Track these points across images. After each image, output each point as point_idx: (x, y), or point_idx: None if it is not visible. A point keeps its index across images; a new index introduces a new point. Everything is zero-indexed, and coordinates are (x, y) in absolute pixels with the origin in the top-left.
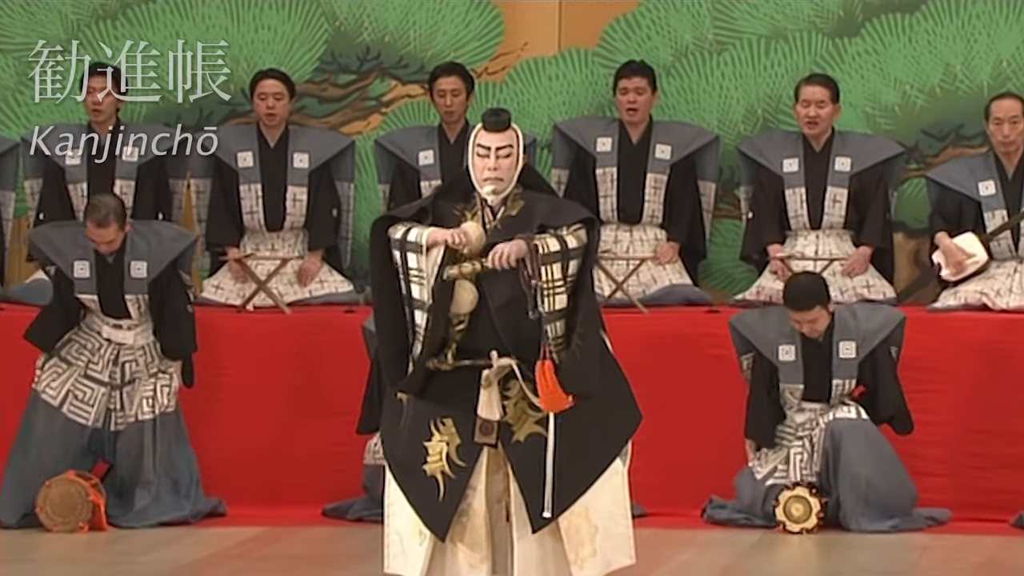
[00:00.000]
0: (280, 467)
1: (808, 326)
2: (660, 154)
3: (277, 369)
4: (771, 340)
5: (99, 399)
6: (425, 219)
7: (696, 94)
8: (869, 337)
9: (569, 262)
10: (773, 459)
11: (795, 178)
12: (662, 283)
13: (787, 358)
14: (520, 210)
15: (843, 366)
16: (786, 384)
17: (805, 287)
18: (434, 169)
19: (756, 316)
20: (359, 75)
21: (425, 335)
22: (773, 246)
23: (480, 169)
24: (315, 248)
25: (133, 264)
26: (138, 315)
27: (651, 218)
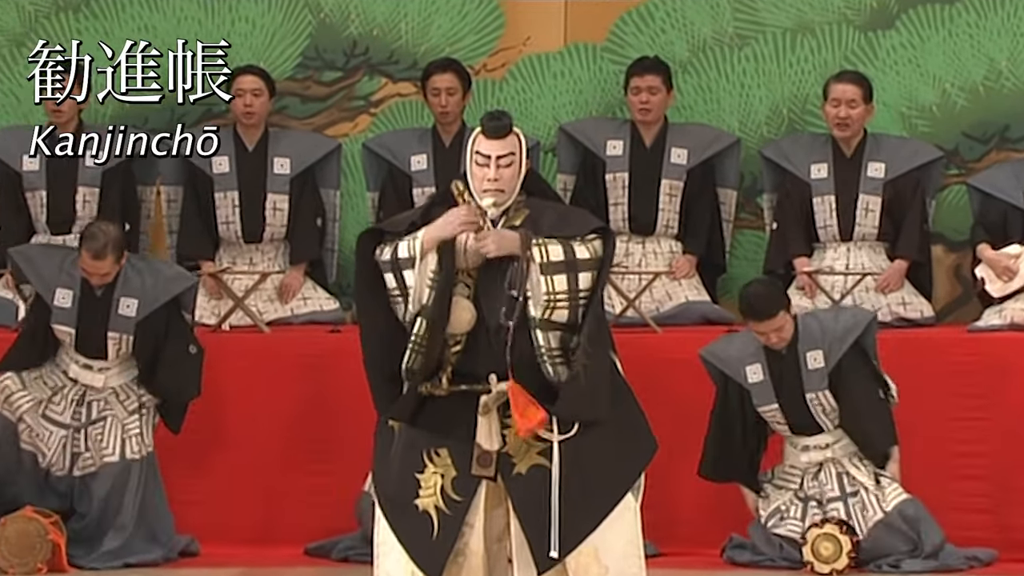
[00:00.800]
0: (258, 501)
1: (775, 335)
2: (676, 158)
3: (255, 394)
4: (737, 362)
5: (57, 442)
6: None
7: (715, 93)
8: (835, 343)
9: (578, 275)
10: (775, 500)
11: (824, 185)
12: (677, 300)
13: (755, 378)
14: (524, 220)
15: (812, 377)
16: (762, 407)
17: (762, 294)
18: (428, 175)
19: (722, 342)
20: (345, 72)
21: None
22: (799, 260)
23: (479, 179)
24: (297, 262)
25: (122, 300)
26: (115, 356)
27: (666, 228)
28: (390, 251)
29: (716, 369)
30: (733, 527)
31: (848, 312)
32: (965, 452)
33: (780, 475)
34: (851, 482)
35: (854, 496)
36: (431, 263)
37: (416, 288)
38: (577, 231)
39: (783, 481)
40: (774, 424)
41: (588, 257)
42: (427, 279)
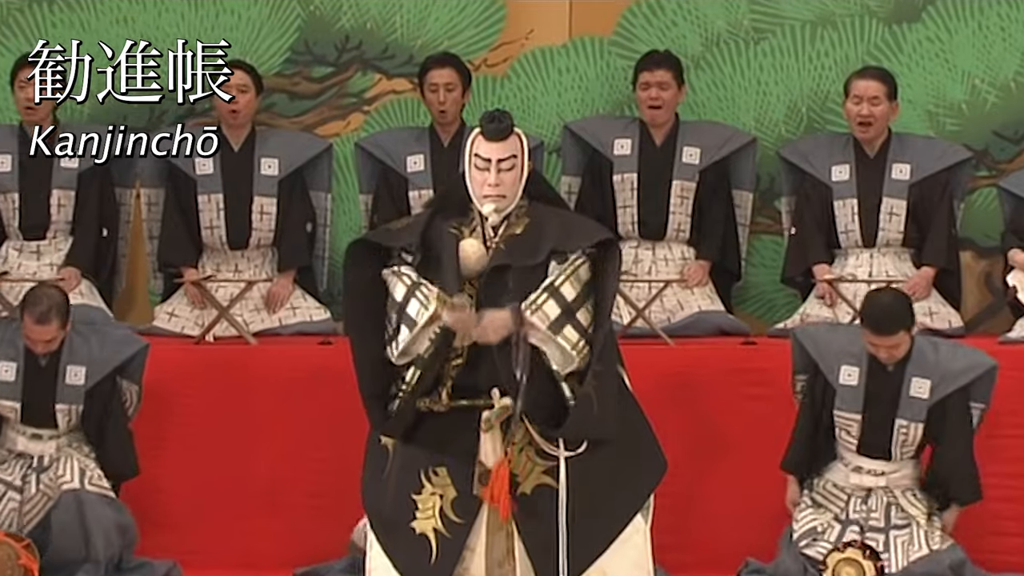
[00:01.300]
0: (244, 524)
1: (887, 352)
2: (688, 159)
3: (240, 410)
4: (834, 357)
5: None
6: (415, 251)
7: (730, 89)
8: (948, 379)
9: (576, 315)
10: (811, 519)
11: (845, 188)
12: (690, 309)
13: (848, 381)
14: (526, 228)
15: (911, 405)
16: (842, 413)
17: (889, 308)
18: (424, 177)
19: (825, 330)
20: (337, 67)
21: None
22: (819, 267)
23: (479, 184)
24: (286, 269)
25: (70, 369)
26: (66, 426)
27: (677, 233)
28: (399, 291)
29: (806, 356)
30: (749, 550)
31: (971, 353)
32: (996, 472)
33: (822, 491)
34: (900, 515)
35: (901, 529)
36: (430, 334)
37: (413, 341)
38: (582, 243)
39: (825, 500)
40: (842, 434)
41: (575, 295)
42: (428, 337)
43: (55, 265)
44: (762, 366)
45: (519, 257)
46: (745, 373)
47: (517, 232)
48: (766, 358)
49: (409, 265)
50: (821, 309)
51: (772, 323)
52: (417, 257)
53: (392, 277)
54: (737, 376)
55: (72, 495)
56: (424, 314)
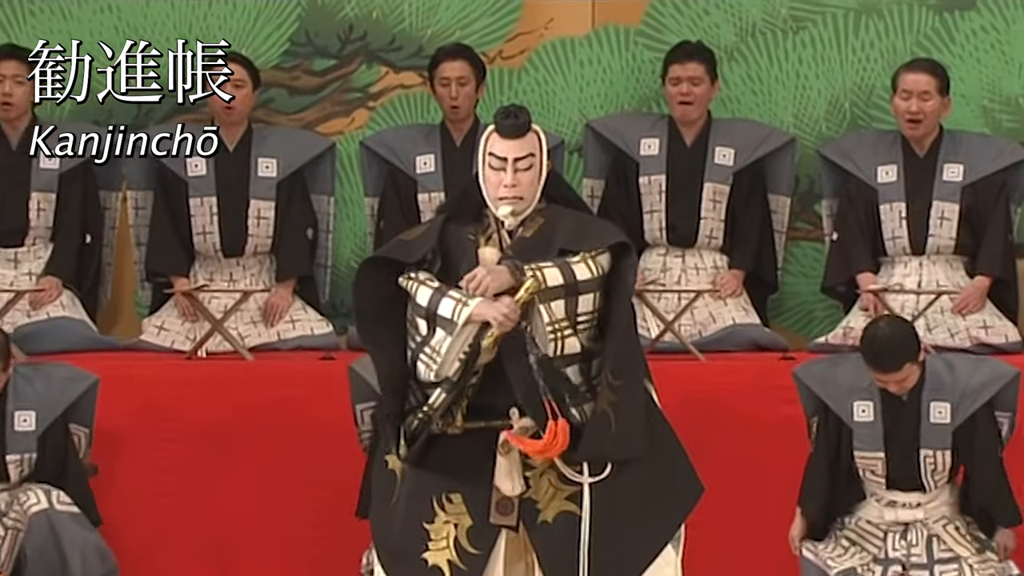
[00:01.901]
0: (240, 555)
1: (897, 386)
2: (721, 159)
3: (235, 430)
4: (844, 394)
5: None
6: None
7: (766, 84)
8: (968, 397)
9: (578, 298)
10: (848, 559)
11: (892, 190)
12: (723, 322)
13: (863, 417)
14: (538, 230)
15: (933, 433)
16: (862, 453)
17: (890, 340)
18: (435, 178)
19: (826, 365)
20: (340, 60)
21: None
22: (864, 276)
23: (494, 185)
24: (285, 278)
25: (17, 415)
26: (18, 477)
27: (709, 240)
28: (424, 295)
29: (814, 397)
30: None
31: (988, 365)
32: None
33: (856, 530)
34: (944, 549)
35: (947, 564)
36: (469, 338)
37: (447, 356)
38: (594, 244)
39: (861, 538)
40: (867, 474)
41: (589, 277)
42: (461, 352)
43: (34, 274)
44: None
45: (528, 257)
46: (782, 391)
47: (527, 235)
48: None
49: (428, 272)
50: (865, 321)
51: (811, 337)
52: (436, 265)
53: (412, 283)
54: (774, 394)
55: (42, 516)
56: (464, 310)
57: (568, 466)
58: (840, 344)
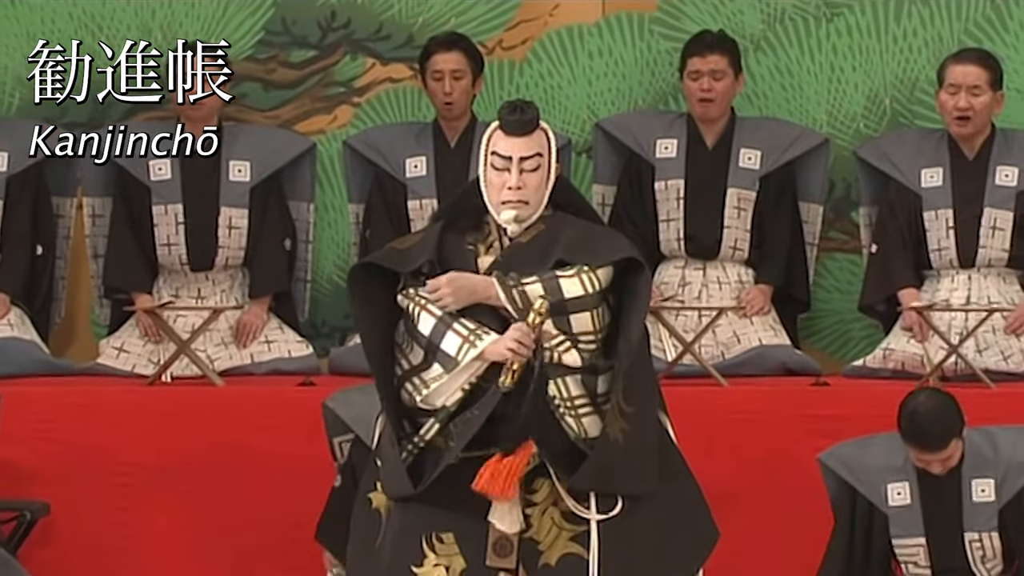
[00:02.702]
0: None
1: (939, 465)
2: (746, 163)
3: (204, 466)
4: (876, 476)
5: None
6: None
7: (797, 78)
8: (1014, 471)
9: (568, 316)
10: None
11: (938, 195)
12: (748, 343)
13: (899, 501)
14: (536, 236)
15: (977, 513)
16: (901, 540)
17: (934, 415)
18: (427, 183)
19: (853, 447)
20: (321, 51)
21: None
22: (906, 292)
23: (497, 188)
24: (259, 294)
25: None
26: None
27: (732, 252)
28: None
29: (841, 483)
30: None
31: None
32: None
33: None
34: None
35: None
36: (472, 377)
37: (441, 391)
38: (596, 259)
39: None
40: (910, 567)
41: (580, 294)
42: (464, 385)
43: None
44: (836, 412)
45: (516, 266)
46: (815, 421)
47: (524, 241)
48: (840, 402)
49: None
50: (908, 344)
51: (847, 360)
52: (436, 274)
53: (413, 305)
54: (805, 424)
55: None
56: (470, 352)
57: (575, 500)
58: (879, 368)
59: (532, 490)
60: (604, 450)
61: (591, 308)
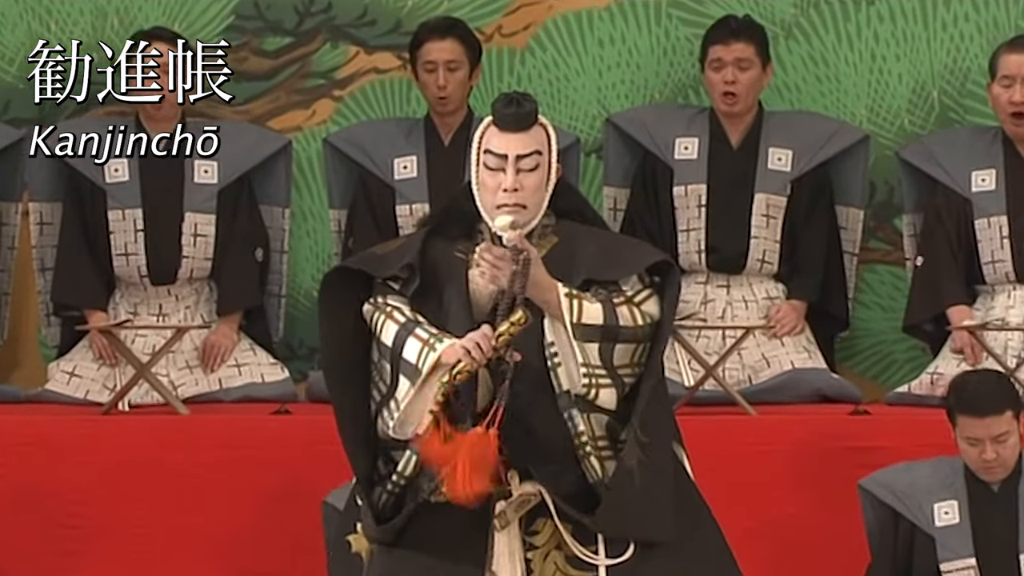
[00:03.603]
0: None
1: (994, 447)
2: (775, 163)
3: (165, 505)
4: (921, 496)
5: None
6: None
7: (833, 68)
8: None
9: (615, 344)
10: None
11: (991, 201)
12: (779, 367)
13: (947, 520)
14: (553, 249)
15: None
16: (951, 564)
17: (985, 383)
18: (418, 186)
19: (897, 471)
20: (298, 37)
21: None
22: (957, 310)
23: (490, 190)
24: (228, 311)
25: None
26: None
27: (761, 265)
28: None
29: (881, 508)
30: None
31: None
32: None
33: None
34: None
35: None
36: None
37: (411, 411)
38: (628, 270)
39: None
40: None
41: (631, 325)
42: (430, 405)
43: None
44: (877, 444)
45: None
46: (854, 454)
47: (541, 255)
48: (882, 433)
49: (399, 295)
50: (958, 368)
51: (891, 386)
52: (413, 285)
53: (378, 314)
54: (843, 458)
55: None
56: (430, 356)
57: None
58: (926, 395)
59: (532, 532)
60: (621, 489)
61: (637, 343)
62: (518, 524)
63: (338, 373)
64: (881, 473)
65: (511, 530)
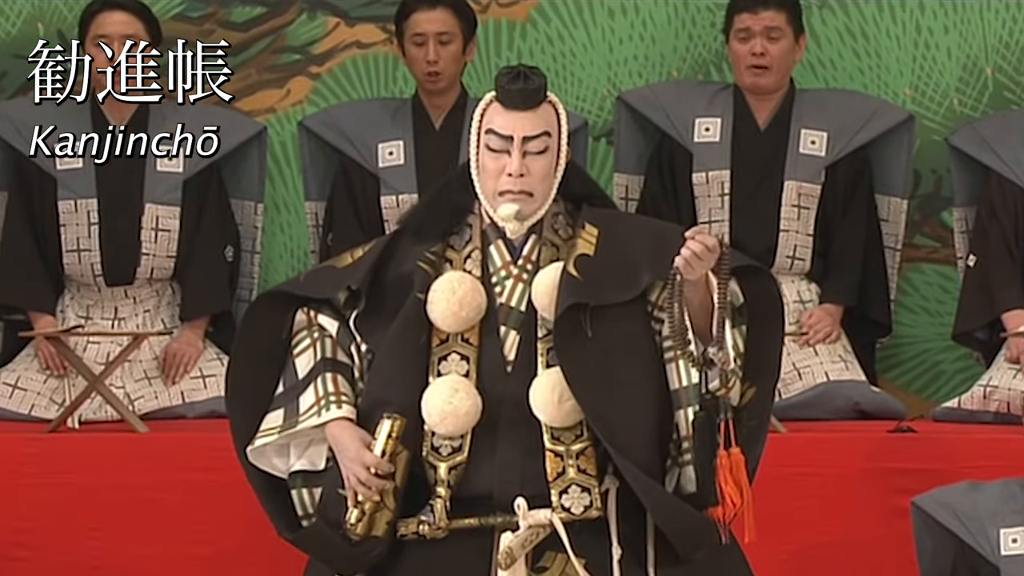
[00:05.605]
0: None
1: None
2: (808, 148)
3: (120, 532)
4: (986, 521)
5: None
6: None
7: (872, 41)
8: None
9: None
10: None
11: None
12: (812, 379)
13: (1016, 549)
14: (600, 243)
15: None
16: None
17: None
18: (405, 174)
19: (962, 491)
20: (270, 8)
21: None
22: (1013, 315)
23: (493, 175)
24: (193, 316)
25: None
26: None
27: (791, 262)
28: (303, 361)
29: (938, 531)
30: None
31: None
32: None
33: None
34: None
35: None
36: (301, 457)
37: (268, 449)
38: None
39: None
40: None
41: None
42: (304, 460)
43: None
44: (923, 466)
45: (606, 289)
46: (897, 476)
47: (588, 253)
48: (929, 454)
49: (336, 316)
50: (1014, 379)
51: (938, 400)
52: (359, 306)
53: (307, 331)
54: (884, 480)
55: None
56: (310, 419)
57: None
58: (978, 410)
59: (541, 568)
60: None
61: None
62: (527, 560)
63: (249, 403)
64: (940, 491)
65: (518, 569)
